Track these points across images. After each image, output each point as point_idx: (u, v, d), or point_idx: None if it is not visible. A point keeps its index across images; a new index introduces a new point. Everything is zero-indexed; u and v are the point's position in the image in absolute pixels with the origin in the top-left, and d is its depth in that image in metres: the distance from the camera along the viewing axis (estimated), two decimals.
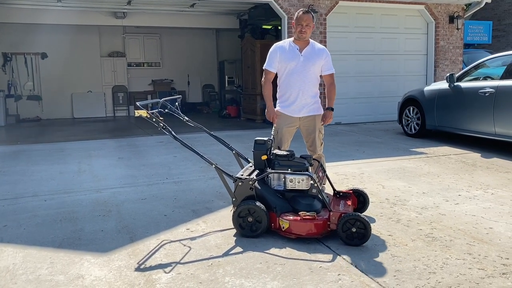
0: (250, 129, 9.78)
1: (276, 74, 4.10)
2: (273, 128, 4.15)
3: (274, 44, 4.13)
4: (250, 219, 3.40)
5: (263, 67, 4.11)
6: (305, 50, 3.98)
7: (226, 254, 3.15)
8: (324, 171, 3.96)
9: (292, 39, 4.07)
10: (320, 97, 4.20)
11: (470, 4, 11.57)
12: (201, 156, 3.63)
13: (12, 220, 3.95)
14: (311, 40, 4.06)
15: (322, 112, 4.13)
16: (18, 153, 7.25)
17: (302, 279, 2.75)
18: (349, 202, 3.64)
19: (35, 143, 8.32)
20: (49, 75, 13.21)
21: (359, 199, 3.84)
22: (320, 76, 4.13)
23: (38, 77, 13.27)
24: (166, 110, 4.06)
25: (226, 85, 14.30)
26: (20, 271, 2.93)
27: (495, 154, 6.43)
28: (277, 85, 4.17)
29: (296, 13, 4.01)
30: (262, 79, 4.11)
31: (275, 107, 4.14)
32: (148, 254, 3.17)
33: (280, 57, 4.01)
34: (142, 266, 2.98)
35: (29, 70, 13.14)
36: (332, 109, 4.07)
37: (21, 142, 8.47)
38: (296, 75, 3.97)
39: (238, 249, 3.23)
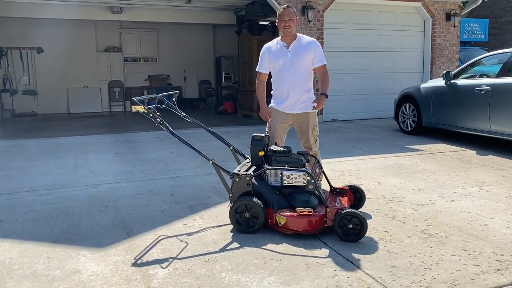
0: (246, 125, 9.78)
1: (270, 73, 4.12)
2: (267, 124, 4.16)
3: (264, 45, 4.14)
4: (247, 214, 3.41)
5: (256, 70, 4.14)
6: (292, 45, 3.97)
7: (223, 249, 3.15)
8: (321, 168, 3.96)
9: (280, 37, 4.06)
10: (315, 94, 4.19)
11: (466, 2, 11.59)
12: (198, 152, 3.62)
13: (8, 215, 3.94)
14: (299, 35, 4.04)
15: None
16: (14, 148, 7.23)
17: (298, 274, 2.76)
18: (346, 199, 3.65)
19: (31, 138, 8.29)
20: (45, 70, 13.15)
21: (356, 195, 3.86)
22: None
23: (34, 72, 13.22)
24: (163, 106, 4.05)
25: (223, 81, 14.28)
26: (16, 266, 2.93)
27: (491, 151, 6.47)
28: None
29: (277, 11, 4.02)
30: (256, 81, 4.14)
31: (269, 103, 4.15)
32: (145, 249, 3.17)
33: (268, 57, 4.03)
34: (139, 262, 2.98)
35: (24, 64, 13.07)
36: (326, 95, 3.98)
37: (17, 137, 8.43)
38: (285, 71, 3.97)
39: (235, 244, 3.23)
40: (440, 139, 7.54)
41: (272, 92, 4.15)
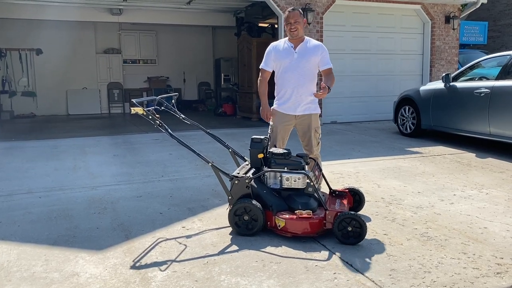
0: (246, 127, 9.77)
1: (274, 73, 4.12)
2: (269, 126, 4.15)
3: (271, 44, 4.15)
4: (246, 217, 3.40)
5: (260, 67, 4.14)
6: (299, 47, 3.99)
7: (222, 252, 3.14)
8: (320, 170, 3.96)
9: (287, 38, 4.08)
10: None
11: (466, 5, 11.60)
12: (197, 154, 3.62)
13: (6, 217, 3.93)
14: (306, 37, 4.06)
15: (319, 111, 4.12)
16: (13, 150, 7.21)
17: (298, 277, 2.75)
18: (345, 201, 3.64)
19: (29, 140, 8.27)
20: (44, 71, 13.14)
21: (355, 198, 3.85)
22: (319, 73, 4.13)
23: (33, 73, 13.20)
24: (162, 108, 4.05)
25: (222, 83, 14.28)
26: (14, 268, 2.92)
27: (490, 154, 6.47)
28: (274, 84, 4.17)
29: (284, 13, 4.03)
30: (259, 78, 4.13)
31: (272, 105, 4.14)
32: (143, 252, 3.16)
33: (274, 56, 4.04)
34: (137, 264, 2.97)
35: (23, 66, 13.06)
36: (329, 89, 3.80)
37: (15, 139, 8.42)
38: (290, 72, 3.98)
39: (234, 247, 3.23)
40: (439, 142, 7.54)
41: (275, 93, 4.16)
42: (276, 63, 4.04)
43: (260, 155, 3.65)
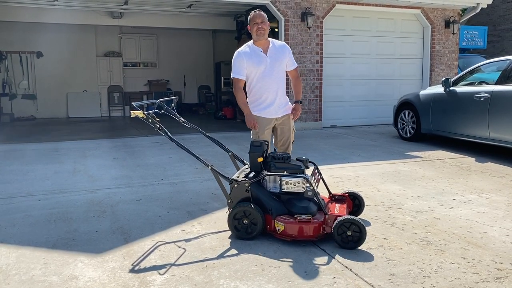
0: (245, 131, 9.71)
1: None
2: (252, 132, 4.13)
3: (237, 51, 4.09)
4: (245, 221, 3.40)
5: (231, 76, 4.08)
6: (269, 50, 4.00)
7: (221, 256, 3.14)
8: (320, 174, 3.95)
9: (251, 42, 4.05)
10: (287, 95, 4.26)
11: (465, 9, 11.63)
12: (197, 158, 3.62)
13: (5, 220, 3.92)
14: (269, 39, 4.07)
15: None
16: (12, 152, 7.21)
17: (297, 282, 2.75)
18: (344, 205, 3.64)
19: (29, 143, 8.27)
20: (45, 74, 13.15)
21: (354, 202, 3.85)
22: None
23: (33, 76, 13.21)
24: (162, 111, 4.05)
25: (222, 87, 14.28)
26: (13, 271, 2.91)
27: (490, 158, 6.47)
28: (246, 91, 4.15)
29: (249, 16, 4.03)
30: (233, 88, 4.12)
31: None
32: (142, 255, 3.16)
33: (247, 63, 3.99)
34: (136, 268, 2.96)
35: (24, 68, 13.06)
36: (301, 102, 4.16)
37: (15, 141, 8.42)
38: (268, 77, 3.99)
39: (233, 251, 3.22)
40: (439, 146, 7.54)
41: (250, 100, 4.12)
42: (250, 70, 4.00)
43: (260, 159, 3.65)
